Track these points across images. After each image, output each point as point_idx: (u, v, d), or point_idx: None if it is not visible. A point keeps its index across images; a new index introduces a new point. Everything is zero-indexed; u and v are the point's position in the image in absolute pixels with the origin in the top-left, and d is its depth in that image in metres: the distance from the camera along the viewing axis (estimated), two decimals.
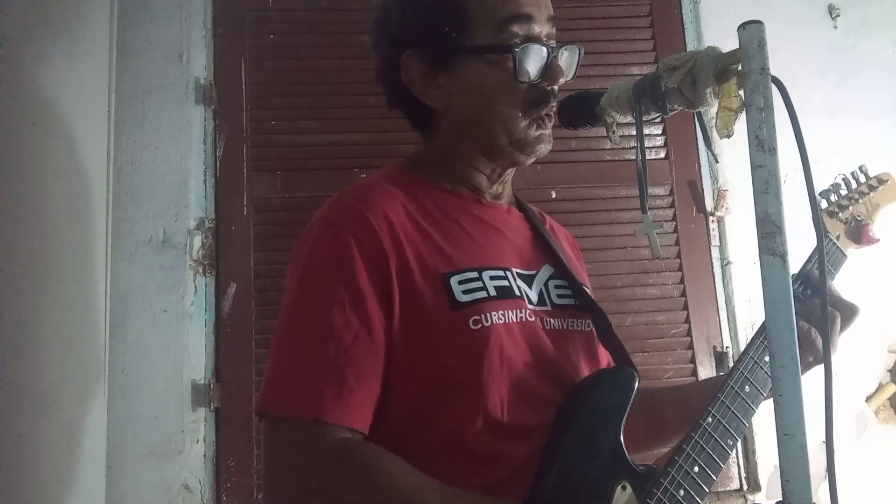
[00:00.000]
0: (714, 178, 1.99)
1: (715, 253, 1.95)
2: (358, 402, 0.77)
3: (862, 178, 1.11)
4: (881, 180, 1.11)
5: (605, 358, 0.99)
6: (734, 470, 1.84)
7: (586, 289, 0.99)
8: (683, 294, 1.90)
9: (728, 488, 1.83)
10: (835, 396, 0.69)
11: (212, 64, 1.90)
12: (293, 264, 0.85)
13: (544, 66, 0.88)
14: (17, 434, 1.16)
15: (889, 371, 1.93)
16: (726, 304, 1.93)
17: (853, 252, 1.08)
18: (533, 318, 0.87)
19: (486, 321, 0.81)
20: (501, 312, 0.83)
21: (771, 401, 0.64)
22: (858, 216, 1.08)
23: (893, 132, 2.05)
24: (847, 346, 0.99)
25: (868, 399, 1.91)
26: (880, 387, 1.92)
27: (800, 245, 0.88)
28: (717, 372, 1.87)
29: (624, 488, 0.81)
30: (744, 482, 1.84)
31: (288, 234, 1.84)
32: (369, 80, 0.92)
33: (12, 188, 1.21)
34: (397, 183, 0.91)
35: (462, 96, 0.89)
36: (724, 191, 1.96)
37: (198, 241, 1.79)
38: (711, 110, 0.79)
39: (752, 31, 0.70)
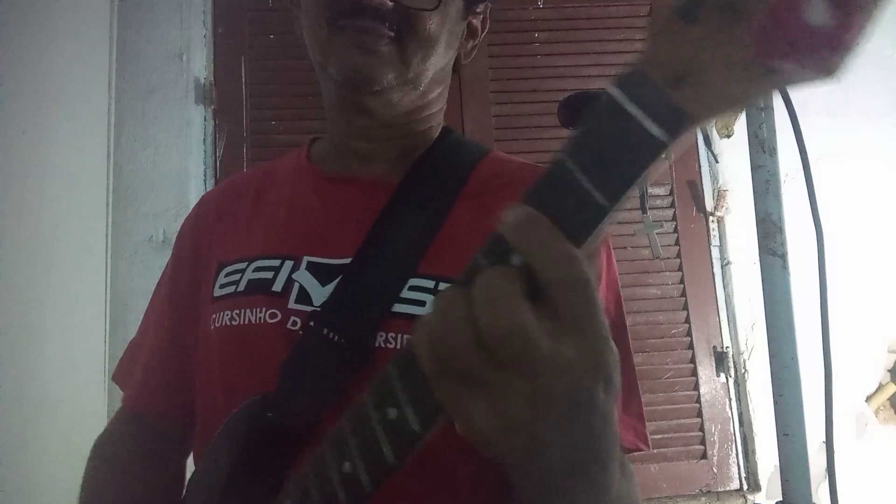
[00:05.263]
0: (714, 178, 1.99)
1: (715, 253, 1.95)
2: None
3: None
4: None
5: None
6: (734, 470, 1.84)
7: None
8: (683, 294, 1.90)
9: (728, 488, 1.83)
10: (835, 396, 0.69)
11: (212, 64, 1.90)
12: None
13: None
14: (18, 434, 1.16)
15: (889, 371, 1.93)
16: (726, 304, 1.93)
17: (853, 253, 1.04)
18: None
19: None
20: None
21: (772, 401, 0.64)
22: None
23: (893, 132, 2.05)
24: (847, 346, 0.98)
25: (868, 399, 1.91)
26: (880, 387, 1.92)
27: (800, 245, 0.87)
28: (716, 372, 1.87)
29: None
30: (744, 482, 1.84)
31: None
32: None
33: (12, 188, 1.21)
34: None
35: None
36: (724, 191, 1.95)
37: None
38: None
39: None
